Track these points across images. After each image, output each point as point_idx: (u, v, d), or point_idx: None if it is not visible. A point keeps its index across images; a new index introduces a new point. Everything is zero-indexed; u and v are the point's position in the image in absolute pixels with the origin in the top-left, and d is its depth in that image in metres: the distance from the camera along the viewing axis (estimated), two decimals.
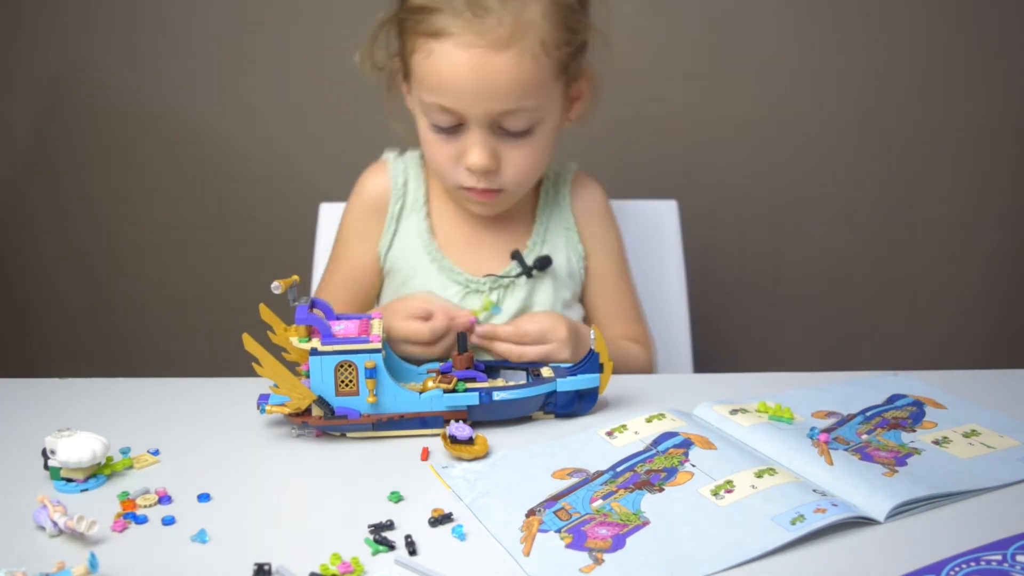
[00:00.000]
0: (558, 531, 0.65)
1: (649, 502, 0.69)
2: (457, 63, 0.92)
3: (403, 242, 1.08)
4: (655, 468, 0.74)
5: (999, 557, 0.61)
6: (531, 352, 0.95)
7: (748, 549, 0.62)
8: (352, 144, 1.63)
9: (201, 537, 0.65)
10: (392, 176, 1.10)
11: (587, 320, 1.12)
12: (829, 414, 0.84)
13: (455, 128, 0.97)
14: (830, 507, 0.65)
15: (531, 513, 0.68)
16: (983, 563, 0.60)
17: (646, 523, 0.66)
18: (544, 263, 1.05)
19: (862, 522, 0.66)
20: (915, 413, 0.85)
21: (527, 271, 1.05)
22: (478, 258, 1.07)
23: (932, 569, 0.60)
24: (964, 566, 0.60)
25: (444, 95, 0.95)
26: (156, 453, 0.79)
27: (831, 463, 0.73)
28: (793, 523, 0.64)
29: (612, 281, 1.13)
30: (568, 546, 0.63)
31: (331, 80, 1.60)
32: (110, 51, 1.61)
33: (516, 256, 1.05)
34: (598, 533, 0.65)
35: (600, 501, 0.69)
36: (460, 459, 0.77)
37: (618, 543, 0.63)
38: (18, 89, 1.65)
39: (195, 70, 1.61)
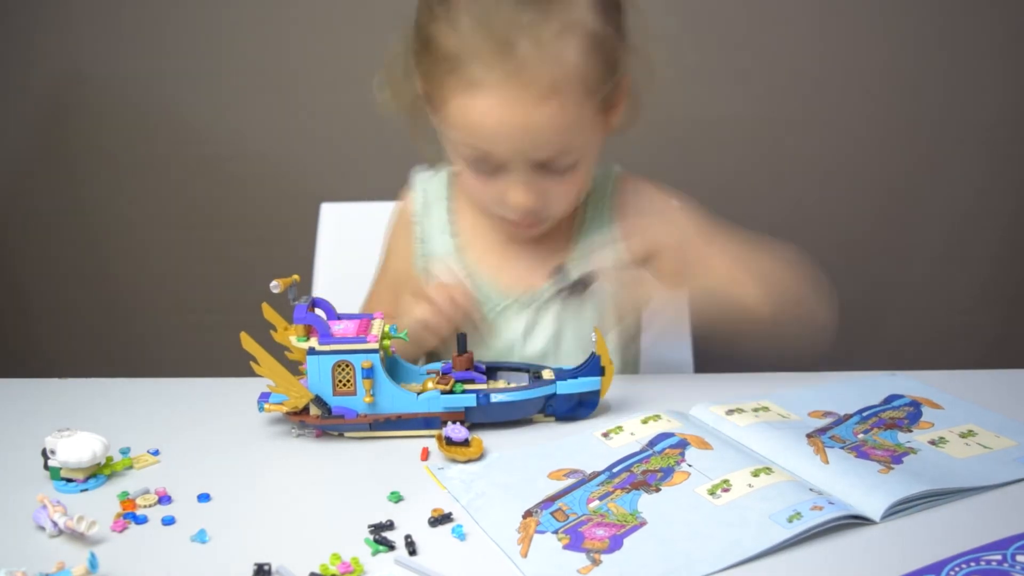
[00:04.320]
0: (555, 532, 0.65)
1: (646, 502, 0.69)
2: (498, 119, 0.85)
3: (435, 260, 1.04)
4: (651, 468, 0.74)
5: (999, 557, 0.61)
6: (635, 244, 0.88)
7: (746, 548, 0.62)
8: (353, 144, 1.64)
9: (201, 537, 0.65)
10: (413, 198, 1.07)
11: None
12: (826, 414, 0.85)
13: (494, 169, 0.91)
14: (827, 505, 0.65)
15: (528, 514, 0.68)
16: (983, 563, 0.60)
17: (643, 523, 0.66)
18: (585, 284, 0.95)
19: (860, 523, 0.66)
20: (912, 413, 0.85)
21: (563, 291, 0.96)
22: (516, 274, 1.01)
23: (932, 569, 0.60)
24: (964, 566, 0.60)
25: (483, 143, 0.88)
26: (156, 453, 0.79)
27: (827, 462, 0.73)
28: (790, 521, 0.64)
29: (702, 256, 1.01)
30: (566, 547, 0.63)
31: (332, 79, 1.60)
32: (110, 51, 1.61)
33: (557, 272, 0.96)
34: (595, 534, 0.65)
35: (597, 502, 0.69)
36: (454, 461, 0.77)
37: (615, 544, 0.64)
38: (18, 89, 1.65)
39: (195, 70, 1.61)
